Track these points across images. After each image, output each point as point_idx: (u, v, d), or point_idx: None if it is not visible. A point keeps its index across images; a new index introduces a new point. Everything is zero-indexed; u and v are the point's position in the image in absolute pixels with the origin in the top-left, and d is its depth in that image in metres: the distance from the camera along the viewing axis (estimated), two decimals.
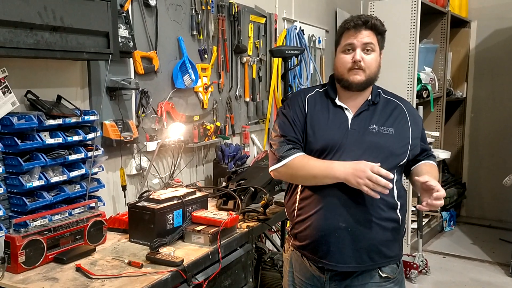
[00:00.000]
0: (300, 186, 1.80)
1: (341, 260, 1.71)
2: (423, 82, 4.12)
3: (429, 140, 4.34)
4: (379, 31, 1.74)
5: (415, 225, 4.14)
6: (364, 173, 1.58)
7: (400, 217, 1.76)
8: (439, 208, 1.63)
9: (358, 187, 1.60)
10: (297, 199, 1.80)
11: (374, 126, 1.73)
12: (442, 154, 4.49)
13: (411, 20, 3.85)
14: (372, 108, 1.78)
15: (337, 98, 1.79)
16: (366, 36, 1.71)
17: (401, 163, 1.78)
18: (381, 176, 1.57)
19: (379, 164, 1.61)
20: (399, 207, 1.76)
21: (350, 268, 1.73)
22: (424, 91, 4.13)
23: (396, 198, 1.75)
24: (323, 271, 1.77)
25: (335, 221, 1.69)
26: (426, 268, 3.87)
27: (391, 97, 1.85)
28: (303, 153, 1.76)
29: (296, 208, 1.81)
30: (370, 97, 1.78)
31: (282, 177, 1.85)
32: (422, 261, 3.84)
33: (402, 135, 1.76)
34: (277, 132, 1.82)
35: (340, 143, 1.70)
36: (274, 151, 1.80)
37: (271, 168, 1.82)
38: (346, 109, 1.77)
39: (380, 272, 1.75)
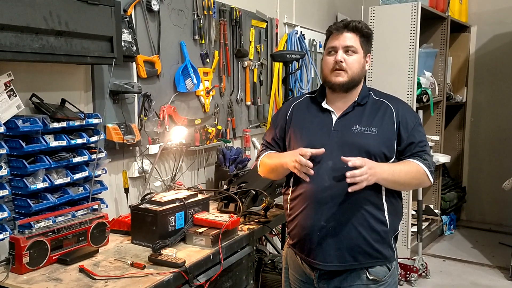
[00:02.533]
0: (290, 187, 1.87)
1: (324, 258, 1.76)
2: (423, 86, 4.14)
3: (429, 144, 4.39)
4: (362, 33, 1.80)
5: (415, 229, 4.14)
6: (294, 156, 1.71)
7: (388, 219, 1.77)
8: (357, 179, 1.61)
9: (293, 170, 1.73)
10: (288, 199, 1.88)
11: (357, 126, 1.77)
12: (442, 158, 4.51)
13: (411, 25, 3.87)
14: (359, 109, 1.81)
15: (324, 102, 1.85)
16: (348, 38, 1.78)
17: (390, 163, 1.77)
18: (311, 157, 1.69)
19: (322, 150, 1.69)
20: (386, 209, 1.77)
21: (334, 267, 1.76)
22: (424, 96, 4.15)
23: (383, 200, 1.76)
24: (313, 269, 1.82)
25: (317, 220, 1.75)
26: (426, 272, 3.88)
27: (383, 98, 1.86)
28: (271, 151, 1.96)
29: (288, 208, 1.89)
30: (357, 99, 1.82)
31: (262, 174, 2.00)
32: (422, 265, 3.85)
33: (386, 135, 1.76)
34: (264, 136, 2.05)
35: (322, 144, 1.75)
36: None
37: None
38: (331, 111, 1.83)
39: (367, 274, 1.77)
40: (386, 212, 1.77)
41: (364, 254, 1.75)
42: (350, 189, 1.63)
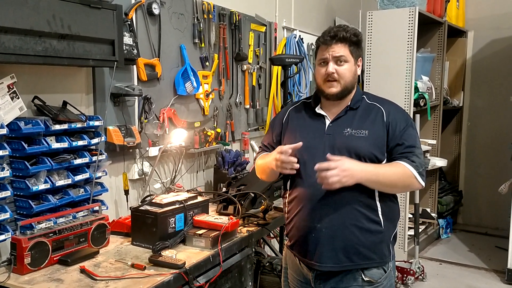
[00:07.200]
0: (288, 190, 1.92)
1: (319, 259, 1.79)
2: (420, 90, 4.17)
3: (426, 148, 4.41)
4: (352, 41, 1.81)
5: (412, 232, 4.17)
6: (275, 156, 1.78)
7: (382, 220, 1.79)
8: (327, 180, 1.65)
9: (276, 169, 1.80)
10: (286, 202, 1.93)
11: (348, 129, 1.80)
12: (439, 162, 4.54)
13: (409, 29, 3.90)
14: (351, 113, 1.84)
15: (318, 107, 1.89)
16: (337, 49, 1.79)
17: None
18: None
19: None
20: (380, 209, 1.79)
21: (328, 268, 1.79)
22: (421, 100, 4.18)
23: (377, 200, 1.79)
24: (310, 270, 1.85)
25: (311, 221, 1.80)
26: (422, 275, 3.90)
27: (375, 101, 1.88)
28: (266, 153, 1.99)
29: (286, 210, 1.94)
30: (349, 103, 1.85)
31: (258, 175, 2.04)
32: (418, 268, 3.87)
33: (376, 137, 1.79)
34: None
35: (315, 147, 1.80)
36: None
37: None
38: (325, 116, 1.87)
39: (363, 275, 1.79)
40: (380, 213, 1.79)
41: (359, 254, 1.77)
42: (323, 187, 1.67)
